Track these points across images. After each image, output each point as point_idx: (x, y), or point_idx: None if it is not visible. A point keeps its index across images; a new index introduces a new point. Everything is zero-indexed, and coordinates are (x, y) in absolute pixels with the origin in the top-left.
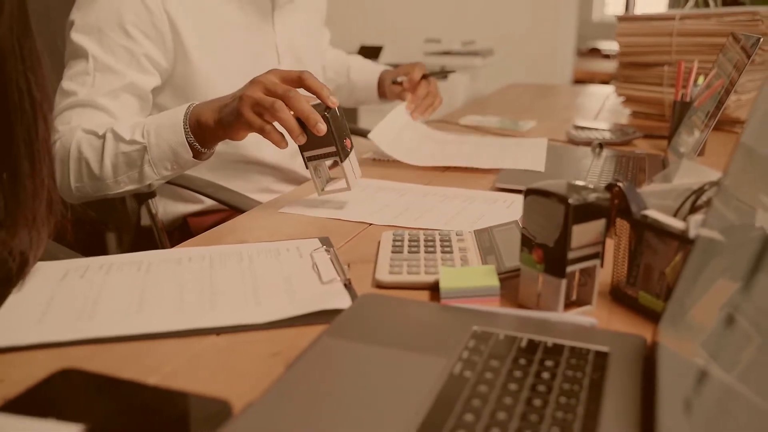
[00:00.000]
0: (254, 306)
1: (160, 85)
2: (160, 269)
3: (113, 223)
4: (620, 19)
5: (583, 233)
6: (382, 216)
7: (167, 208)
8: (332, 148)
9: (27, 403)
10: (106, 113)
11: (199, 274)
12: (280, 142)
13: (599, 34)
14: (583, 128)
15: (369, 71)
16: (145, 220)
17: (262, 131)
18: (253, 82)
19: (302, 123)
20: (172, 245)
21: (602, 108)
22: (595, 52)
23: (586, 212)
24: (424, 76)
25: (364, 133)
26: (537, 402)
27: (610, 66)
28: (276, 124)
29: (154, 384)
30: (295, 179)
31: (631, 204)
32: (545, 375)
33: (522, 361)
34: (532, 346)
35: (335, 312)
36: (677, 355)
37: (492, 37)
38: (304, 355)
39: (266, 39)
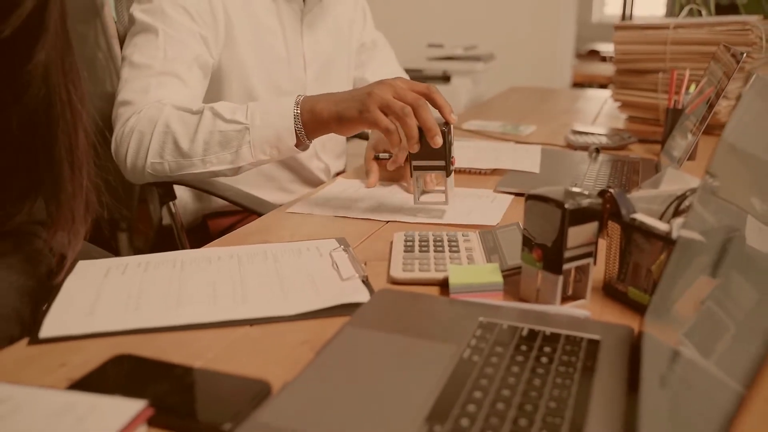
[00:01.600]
0: (282, 300)
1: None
2: (192, 267)
3: (130, 223)
4: (617, 27)
5: (578, 234)
6: (384, 212)
7: (187, 208)
8: (441, 162)
9: (92, 383)
10: (182, 82)
11: (228, 271)
12: (397, 145)
13: (598, 35)
14: (581, 133)
15: None
16: (165, 220)
17: (387, 131)
18: (382, 83)
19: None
20: (191, 244)
21: (600, 112)
22: (594, 54)
23: (580, 216)
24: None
25: (365, 136)
26: (536, 382)
27: (608, 69)
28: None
29: (201, 367)
30: (309, 180)
31: (621, 208)
32: (544, 359)
33: (523, 348)
34: (532, 334)
35: (356, 305)
36: (659, 341)
37: (493, 42)
38: (330, 342)
39: (295, 47)
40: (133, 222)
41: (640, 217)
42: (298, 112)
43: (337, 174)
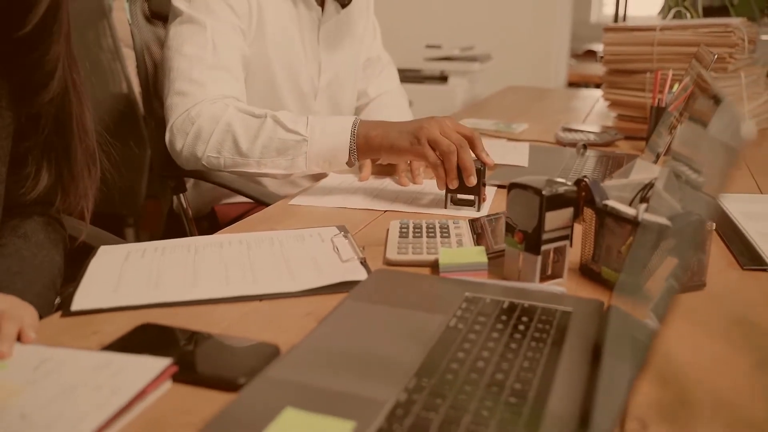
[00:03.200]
0: (288, 279)
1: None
2: (206, 251)
3: (137, 219)
4: (606, 29)
5: (555, 218)
6: (380, 202)
7: (197, 198)
8: (472, 197)
9: (121, 347)
10: (233, 76)
11: (238, 254)
12: (441, 181)
13: (597, 36)
14: (570, 130)
15: (373, 116)
16: (175, 211)
17: (433, 165)
18: (432, 120)
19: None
20: (200, 233)
21: (591, 111)
22: (590, 54)
23: (556, 202)
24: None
25: None
26: (513, 345)
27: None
28: None
29: (218, 333)
30: (317, 174)
31: (595, 196)
32: (521, 327)
33: (503, 317)
34: (512, 306)
35: (354, 283)
36: (622, 310)
37: (490, 43)
38: (332, 313)
39: (312, 52)
40: (139, 218)
41: (611, 203)
42: (355, 133)
43: None
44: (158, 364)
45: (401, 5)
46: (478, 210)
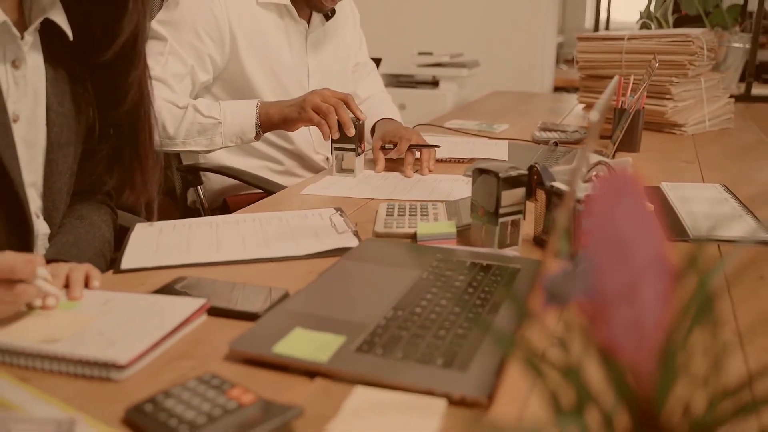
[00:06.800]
0: (294, 246)
1: (212, 79)
2: (226, 226)
3: (149, 215)
4: (579, 38)
5: (509, 196)
6: (380, 193)
7: (211, 190)
8: (353, 145)
9: (166, 292)
10: (170, 90)
11: (253, 229)
12: (326, 135)
13: None
14: (546, 130)
15: (374, 114)
16: (192, 203)
17: (318, 125)
18: (314, 92)
19: (339, 125)
20: None
21: (570, 113)
22: None
23: (511, 183)
24: (410, 148)
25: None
26: (470, 290)
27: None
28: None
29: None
30: (313, 167)
31: (544, 179)
32: (478, 278)
33: (465, 272)
34: (473, 264)
35: (348, 249)
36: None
37: (478, 51)
38: (330, 268)
39: (300, 58)
40: (151, 214)
41: (557, 184)
42: (258, 113)
43: None
44: (196, 302)
45: (395, 15)
46: (358, 155)
